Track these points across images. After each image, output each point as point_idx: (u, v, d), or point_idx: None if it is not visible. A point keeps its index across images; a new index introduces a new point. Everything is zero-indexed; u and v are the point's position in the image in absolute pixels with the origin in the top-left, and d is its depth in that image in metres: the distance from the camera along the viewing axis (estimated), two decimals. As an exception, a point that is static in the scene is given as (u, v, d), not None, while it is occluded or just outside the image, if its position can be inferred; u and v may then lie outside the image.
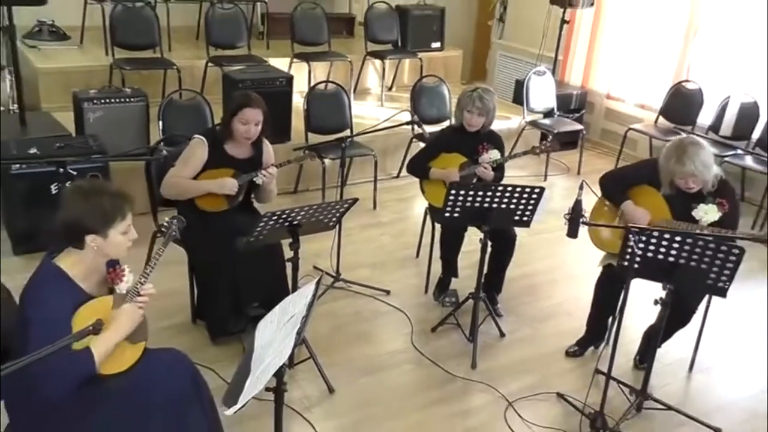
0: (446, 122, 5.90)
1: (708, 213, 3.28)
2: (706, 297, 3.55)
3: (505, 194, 3.45)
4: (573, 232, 3.06)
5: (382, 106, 6.80)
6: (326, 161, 5.05)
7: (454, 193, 3.43)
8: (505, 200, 3.47)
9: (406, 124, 4.54)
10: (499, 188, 3.45)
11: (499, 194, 3.45)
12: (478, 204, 3.46)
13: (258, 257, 3.40)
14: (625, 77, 7.12)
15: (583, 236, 3.16)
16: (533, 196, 3.47)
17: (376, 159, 5.41)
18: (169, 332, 3.61)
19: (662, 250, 2.90)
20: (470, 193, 3.43)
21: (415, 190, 4.35)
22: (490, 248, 3.72)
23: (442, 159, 4.09)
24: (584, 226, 3.11)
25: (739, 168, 5.71)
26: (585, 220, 3.07)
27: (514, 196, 3.46)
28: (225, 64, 5.86)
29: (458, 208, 3.48)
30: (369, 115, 6.28)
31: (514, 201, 3.48)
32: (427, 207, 4.32)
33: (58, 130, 4.78)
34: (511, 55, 8.07)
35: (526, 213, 3.54)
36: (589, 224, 3.22)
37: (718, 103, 6.12)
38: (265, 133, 3.60)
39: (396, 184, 5.92)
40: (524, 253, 4.23)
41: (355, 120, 5.59)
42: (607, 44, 7.21)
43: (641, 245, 2.90)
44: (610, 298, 3.52)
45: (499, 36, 8.32)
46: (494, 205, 3.47)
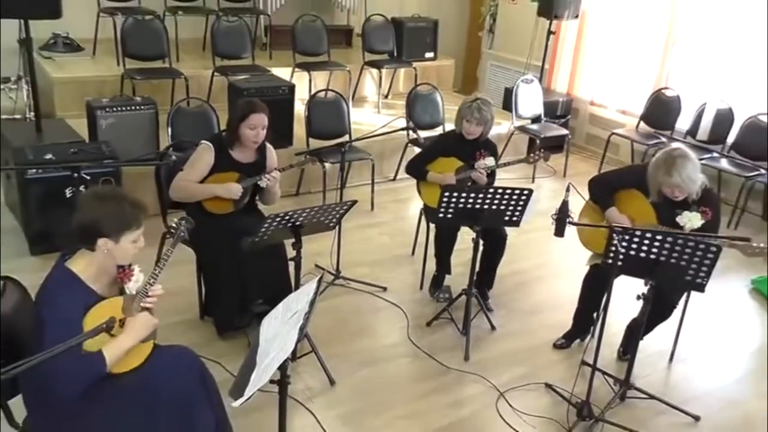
0: (439, 128, 5.90)
1: (691, 220, 3.29)
2: (686, 292, 3.56)
3: (495, 196, 3.45)
4: (560, 232, 3.06)
5: (378, 113, 6.78)
6: (326, 165, 5.05)
7: (448, 195, 3.43)
8: (496, 202, 3.46)
9: (402, 129, 4.53)
10: (490, 190, 3.45)
11: (489, 196, 3.44)
12: (470, 205, 3.46)
13: (262, 256, 3.39)
14: (608, 85, 7.12)
15: (569, 235, 3.16)
16: (522, 198, 3.47)
17: (374, 163, 5.40)
18: (179, 328, 3.60)
19: (644, 248, 2.90)
20: (463, 196, 3.43)
21: (411, 192, 4.34)
22: (481, 247, 3.72)
23: (440, 162, 4.08)
24: (571, 226, 3.12)
25: (716, 170, 5.72)
26: (571, 220, 3.08)
27: (504, 197, 3.46)
28: (230, 73, 5.84)
29: (451, 209, 3.47)
30: (367, 122, 6.27)
31: (504, 202, 3.47)
32: (422, 208, 4.32)
33: (72, 136, 4.76)
34: (500, 64, 8.06)
35: (516, 213, 3.54)
36: (575, 224, 3.22)
37: (696, 109, 6.14)
38: (268, 138, 3.60)
39: (392, 186, 5.92)
40: (514, 251, 4.23)
41: (353, 126, 5.59)
42: (591, 54, 7.22)
43: (624, 244, 2.90)
44: (595, 294, 3.52)
45: (489, 46, 8.32)
46: (485, 207, 3.47)
